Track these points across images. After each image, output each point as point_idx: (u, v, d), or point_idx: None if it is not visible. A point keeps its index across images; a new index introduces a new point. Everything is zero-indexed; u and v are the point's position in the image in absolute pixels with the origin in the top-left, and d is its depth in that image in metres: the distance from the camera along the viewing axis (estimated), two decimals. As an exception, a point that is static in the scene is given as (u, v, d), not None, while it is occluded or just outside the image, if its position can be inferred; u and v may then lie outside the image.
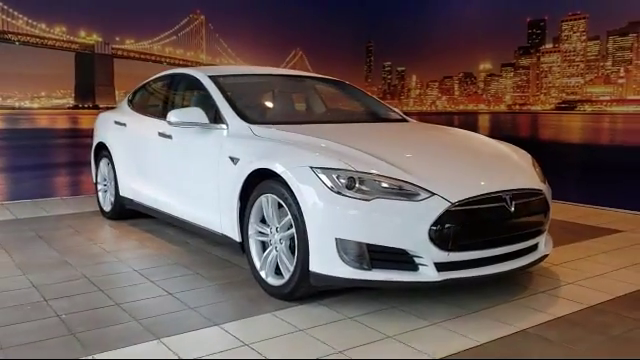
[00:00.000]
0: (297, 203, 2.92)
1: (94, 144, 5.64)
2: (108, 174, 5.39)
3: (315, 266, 2.87)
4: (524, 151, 3.78)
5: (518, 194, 3.07)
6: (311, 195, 2.87)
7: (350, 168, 2.88)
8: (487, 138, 3.90)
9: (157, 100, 4.91)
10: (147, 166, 4.64)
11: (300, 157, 3.03)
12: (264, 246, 3.34)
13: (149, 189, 4.62)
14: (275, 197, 3.12)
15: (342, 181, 2.84)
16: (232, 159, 3.48)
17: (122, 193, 5.09)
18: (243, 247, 3.48)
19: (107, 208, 5.42)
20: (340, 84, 4.93)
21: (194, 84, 4.40)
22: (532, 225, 3.18)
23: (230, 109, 3.78)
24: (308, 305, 3.07)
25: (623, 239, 4.65)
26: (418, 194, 2.81)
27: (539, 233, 3.28)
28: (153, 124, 4.56)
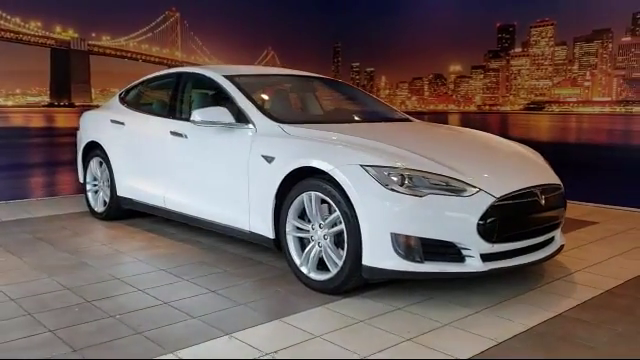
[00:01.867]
0: (348, 200, 3.04)
1: (83, 144, 5.50)
2: (101, 174, 5.29)
3: (368, 260, 3.00)
4: (533, 150, 4.05)
5: (546, 189, 3.32)
6: (364, 192, 2.99)
7: (400, 165, 3.03)
8: (499, 137, 4.15)
9: (163, 99, 4.87)
10: (154, 165, 4.60)
11: (348, 155, 3.15)
12: (301, 242, 3.43)
13: (156, 188, 4.59)
14: (319, 194, 3.22)
15: (393, 178, 2.98)
16: (266, 158, 3.55)
17: (120, 193, 5.01)
18: (277, 244, 3.56)
19: (99, 209, 5.31)
20: (342, 84, 5.06)
21: (206, 84, 4.42)
22: (555, 218, 3.44)
23: (255, 109, 3.84)
24: (353, 298, 3.19)
25: (602, 230, 5.03)
26: (465, 190, 2.99)
27: (558, 225, 3.55)
28: (162, 123, 4.53)
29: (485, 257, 3.03)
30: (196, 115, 3.84)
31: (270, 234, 3.58)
